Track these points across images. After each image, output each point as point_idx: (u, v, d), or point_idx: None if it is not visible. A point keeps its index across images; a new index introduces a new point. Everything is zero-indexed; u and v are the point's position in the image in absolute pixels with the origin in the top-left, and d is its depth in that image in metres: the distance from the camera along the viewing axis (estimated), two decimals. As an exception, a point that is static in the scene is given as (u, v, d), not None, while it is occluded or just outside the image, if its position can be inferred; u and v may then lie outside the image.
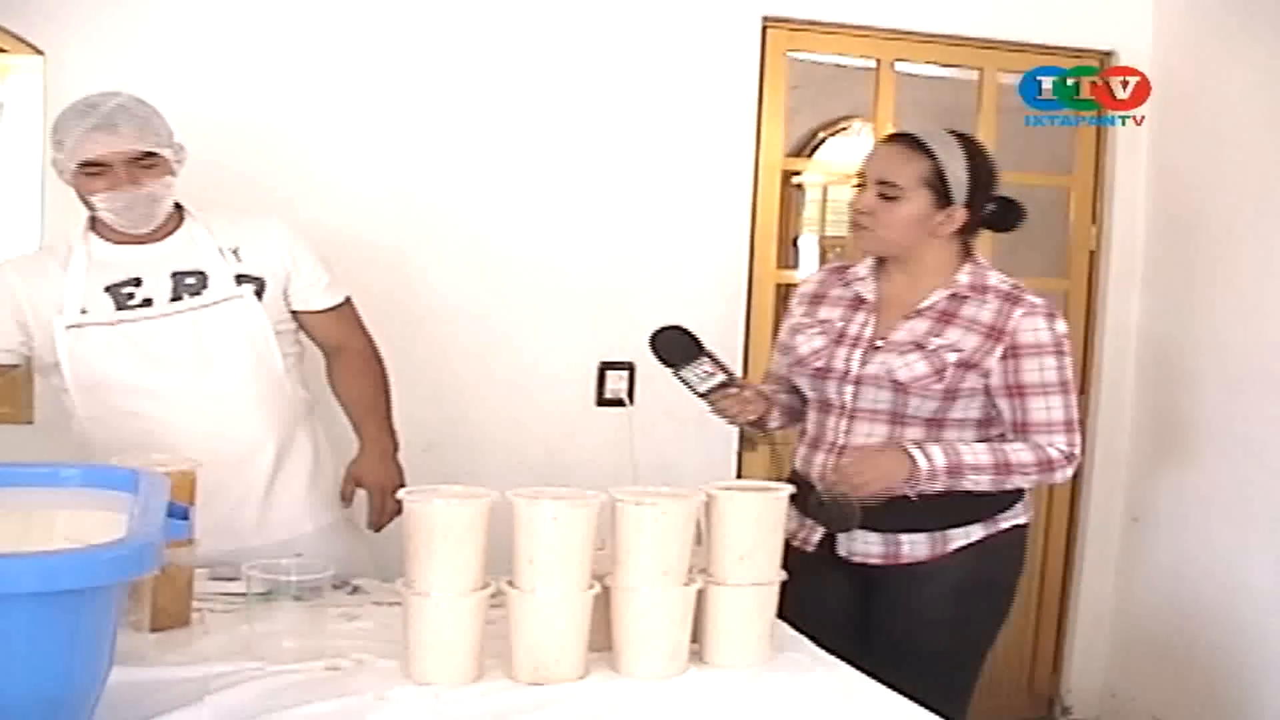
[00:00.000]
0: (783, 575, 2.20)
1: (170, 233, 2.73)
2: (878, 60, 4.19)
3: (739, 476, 3.91)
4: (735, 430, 3.96)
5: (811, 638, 2.33)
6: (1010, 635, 4.42)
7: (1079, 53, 4.26)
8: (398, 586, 2.07)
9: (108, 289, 2.65)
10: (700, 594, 2.14)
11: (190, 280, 2.68)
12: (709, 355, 2.62)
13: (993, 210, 2.74)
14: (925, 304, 2.69)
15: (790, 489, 2.23)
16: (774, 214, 4.10)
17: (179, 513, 1.76)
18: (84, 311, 2.63)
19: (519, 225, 3.71)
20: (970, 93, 4.33)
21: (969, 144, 2.73)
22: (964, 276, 2.69)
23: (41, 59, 3.40)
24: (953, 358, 2.61)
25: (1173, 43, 4.21)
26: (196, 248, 2.72)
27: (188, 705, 1.86)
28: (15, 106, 3.44)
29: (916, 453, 2.55)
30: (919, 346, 2.64)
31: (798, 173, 5.88)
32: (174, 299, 2.67)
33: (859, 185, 2.73)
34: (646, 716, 1.97)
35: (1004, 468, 2.59)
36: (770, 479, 2.83)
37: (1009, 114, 4.23)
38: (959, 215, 2.66)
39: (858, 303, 2.77)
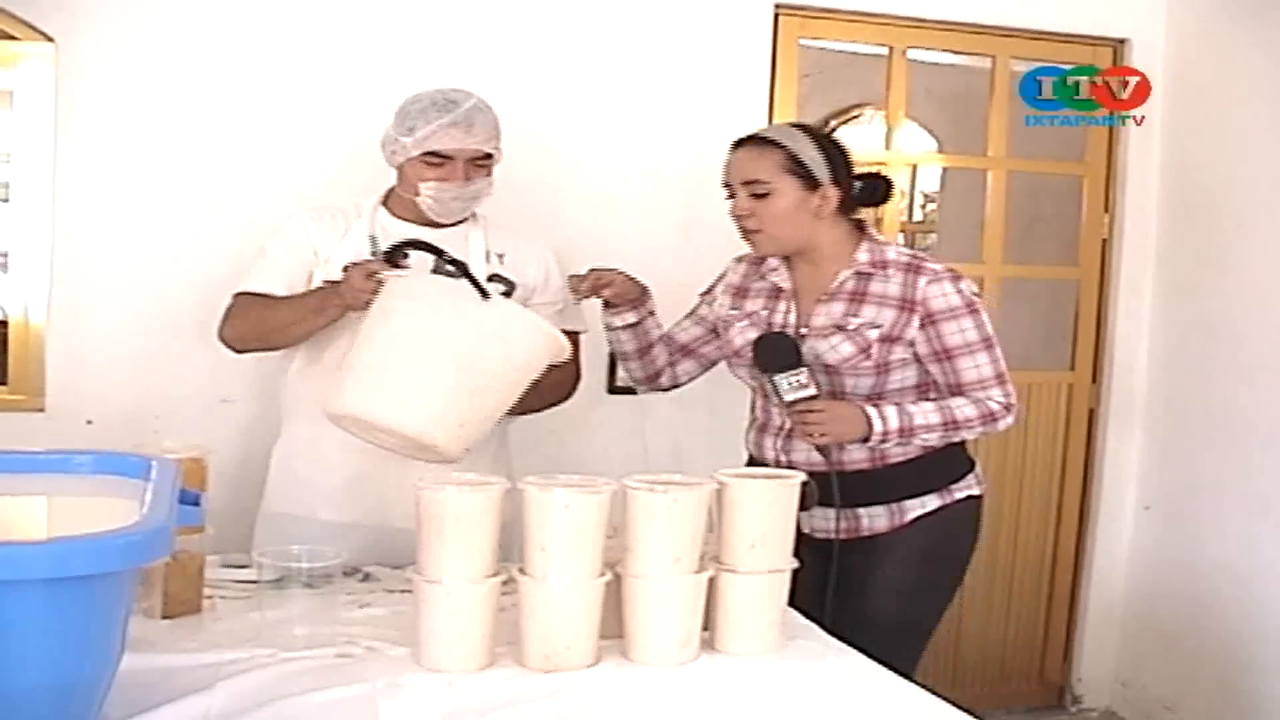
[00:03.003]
0: (794, 563, 2.20)
1: (451, 226, 2.85)
2: (890, 48, 4.18)
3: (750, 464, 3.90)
4: (747, 418, 3.95)
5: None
6: (1021, 623, 4.45)
7: (1093, 40, 4.25)
8: (409, 573, 2.07)
9: (374, 252, 2.76)
10: (712, 581, 2.14)
11: (450, 266, 2.70)
12: (807, 366, 2.65)
13: (861, 187, 2.80)
14: (834, 285, 2.74)
15: (803, 477, 2.23)
16: (785, 202, 4.09)
17: (190, 499, 1.77)
18: (346, 270, 2.68)
19: (530, 214, 3.70)
20: (983, 80, 4.32)
21: (811, 130, 2.82)
22: (863, 254, 2.74)
23: (52, 46, 3.41)
24: (874, 334, 2.68)
25: (1186, 30, 4.20)
26: (468, 243, 2.84)
27: (199, 692, 1.86)
28: (26, 94, 3.44)
29: (873, 413, 2.62)
30: (840, 329, 2.70)
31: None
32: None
33: (729, 195, 2.78)
34: (658, 704, 1.97)
35: (951, 425, 2.67)
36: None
37: (1021, 102, 4.22)
38: (832, 194, 2.72)
39: (777, 292, 2.83)
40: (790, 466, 2.67)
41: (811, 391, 2.63)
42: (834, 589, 2.67)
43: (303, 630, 2.12)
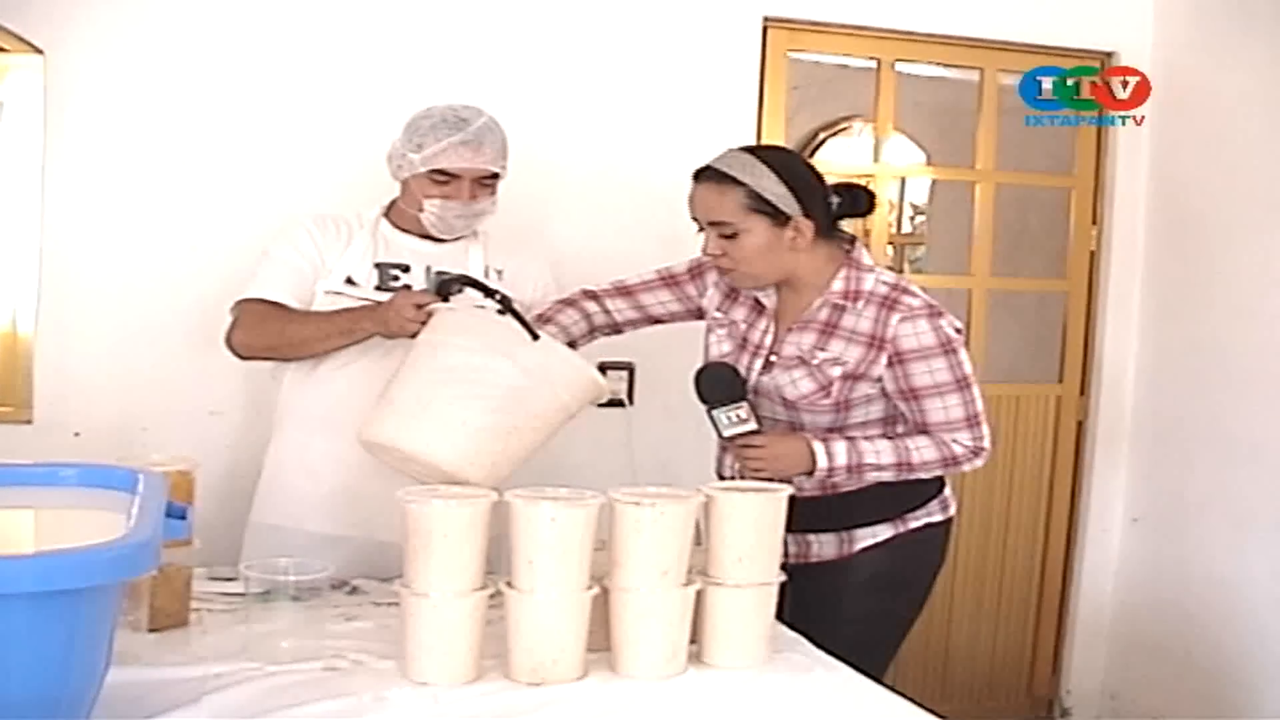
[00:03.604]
0: (782, 576, 2.20)
1: (453, 241, 2.87)
2: (878, 60, 4.19)
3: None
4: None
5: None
6: (1010, 636, 4.45)
7: (1080, 54, 4.26)
8: (396, 587, 2.06)
9: (377, 265, 2.81)
10: (699, 594, 2.14)
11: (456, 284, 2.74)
12: (748, 402, 2.61)
13: (839, 203, 2.65)
14: (806, 314, 2.65)
15: (790, 490, 2.23)
16: (774, 215, 4.10)
17: (177, 512, 1.76)
18: (349, 281, 2.78)
19: (519, 226, 3.70)
20: (971, 93, 4.33)
21: (771, 155, 2.66)
22: (838, 283, 2.63)
23: (41, 58, 3.40)
24: (836, 371, 2.60)
25: (1173, 44, 4.21)
26: (467, 258, 2.87)
27: (185, 705, 1.86)
28: (15, 105, 3.44)
29: (820, 449, 2.56)
30: (804, 362, 2.63)
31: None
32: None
33: (700, 230, 2.69)
34: (645, 717, 1.97)
35: (905, 465, 2.59)
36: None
37: (1010, 114, 4.24)
38: (805, 225, 2.58)
39: (759, 307, 2.74)
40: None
41: (751, 426, 2.58)
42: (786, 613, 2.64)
43: (289, 643, 2.12)
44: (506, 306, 2.47)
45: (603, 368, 3.76)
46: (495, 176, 2.80)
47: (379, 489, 2.60)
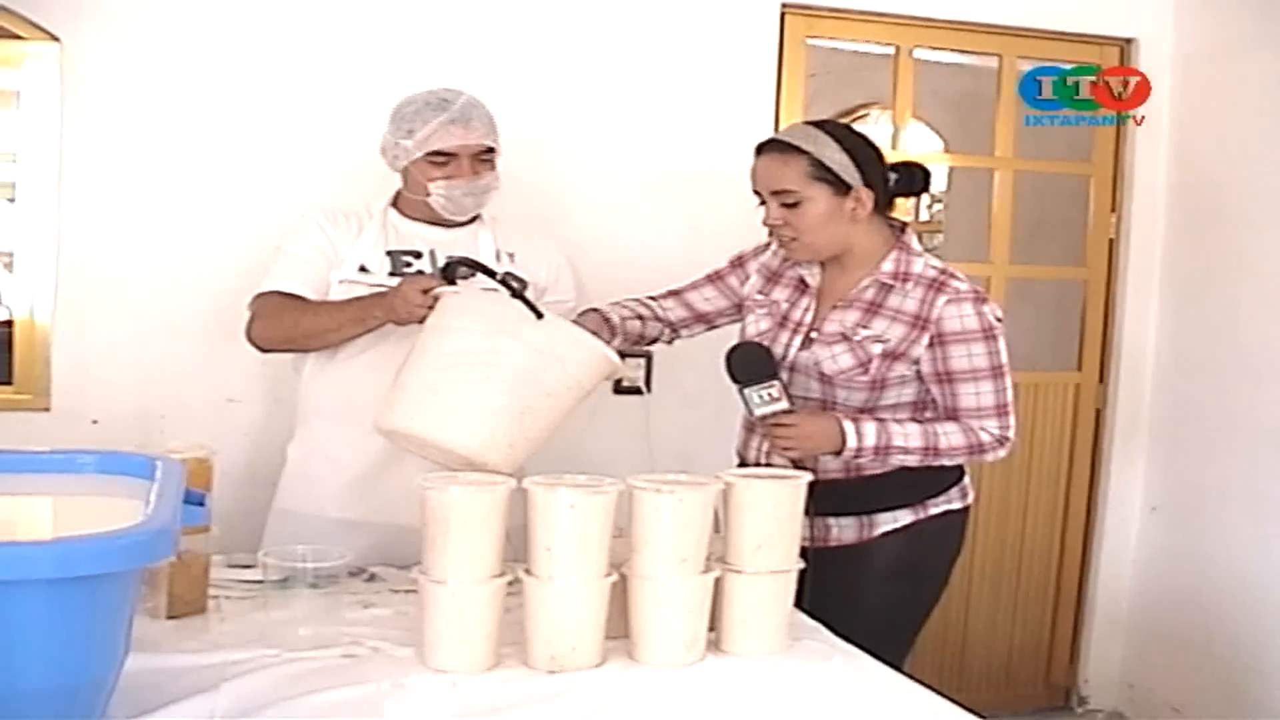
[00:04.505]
0: (800, 564, 2.20)
1: (462, 225, 2.89)
2: (896, 47, 4.17)
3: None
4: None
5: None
6: (1028, 625, 4.44)
7: (1100, 40, 4.24)
8: (414, 574, 2.06)
9: (389, 253, 2.83)
10: (718, 582, 2.13)
11: (463, 267, 2.78)
12: (780, 380, 2.62)
13: (897, 178, 2.72)
14: (853, 293, 2.69)
15: (810, 476, 2.22)
16: (792, 202, 4.09)
17: (195, 499, 1.76)
18: (363, 269, 2.80)
19: (536, 217, 3.69)
20: (989, 79, 4.31)
21: (833, 127, 2.72)
22: (888, 264, 2.67)
23: (58, 46, 3.40)
24: (878, 349, 2.62)
25: (1194, 30, 4.19)
26: (477, 242, 2.88)
27: (204, 692, 1.86)
28: (32, 94, 3.44)
29: (850, 429, 2.57)
30: (845, 338, 2.65)
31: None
32: None
33: (761, 203, 2.72)
34: (663, 705, 1.96)
35: (933, 451, 2.61)
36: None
37: (1022, 101, 4.21)
38: (865, 196, 2.63)
39: (803, 286, 2.77)
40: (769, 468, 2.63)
41: (783, 405, 2.59)
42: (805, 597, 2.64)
43: (307, 631, 2.12)
44: (509, 287, 2.47)
45: (622, 355, 3.77)
46: (491, 151, 2.82)
47: (402, 474, 2.61)
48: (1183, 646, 4.17)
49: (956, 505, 2.79)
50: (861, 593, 2.71)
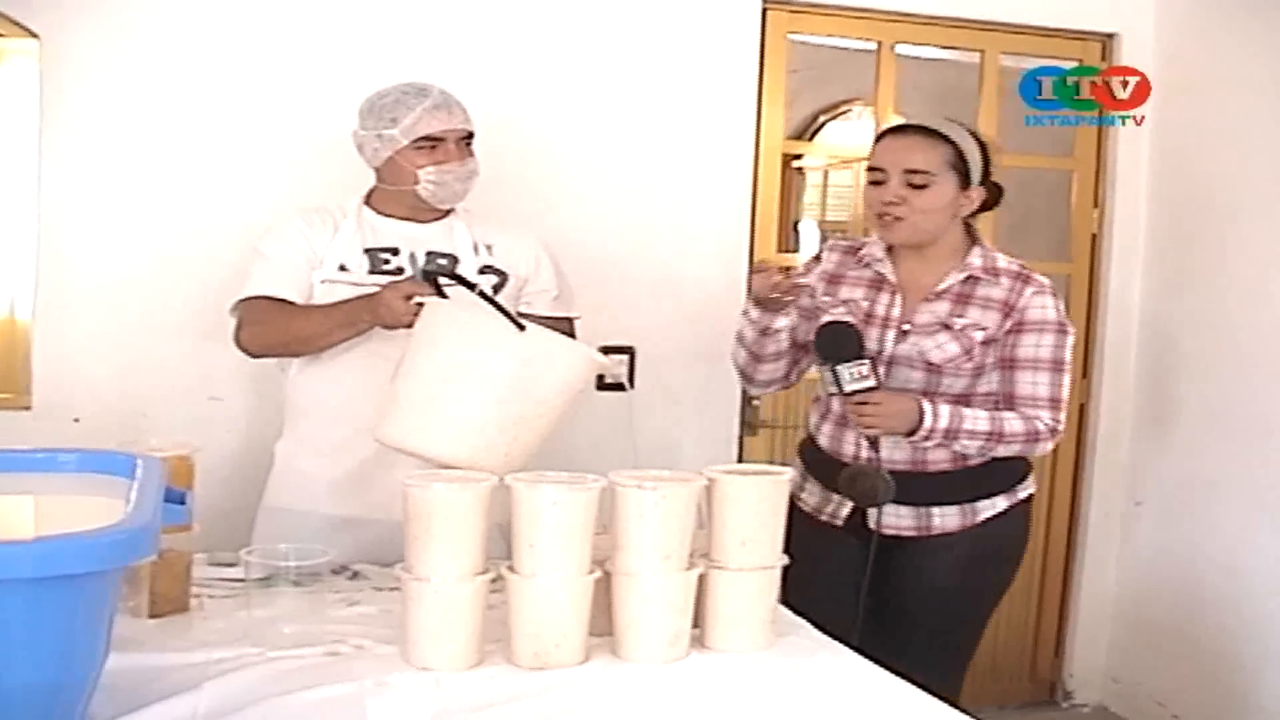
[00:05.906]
0: (784, 559, 2.20)
1: (436, 219, 2.89)
2: (878, 43, 4.17)
3: (740, 460, 3.90)
4: (736, 414, 3.95)
5: (821, 609, 2.39)
6: (1013, 620, 4.44)
7: (1082, 35, 4.25)
8: (397, 571, 2.06)
9: (367, 250, 2.84)
10: (701, 578, 2.13)
11: (441, 260, 2.83)
12: (870, 358, 2.67)
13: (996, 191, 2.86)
14: (943, 286, 2.77)
15: (791, 472, 2.23)
16: (775, 197, 4.10)
17: (176, 497, 1.75)
18: (342, 268, 2.80)
19: (519, 211, 3.69)
20: (971, 75, 4.31)
21: (969, 128, 2.85)
22: (976, 259, 2.79)
23: (37, 43, 3.38)
24: (979, 336, 2.73)
25: (1176, 25, 4.20)
26: (453, 236, 2.89)
27: (186, 691, 1.85)
28: (11, 91, 3.43)
29: (928, 408, 2.65)
30: (946, 327, 2.74)
31: (798, 156, 5.86)
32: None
33: (878, 181, 2.76)
34: (648, 701, 1.96)
35: (996, 436, 2.70)
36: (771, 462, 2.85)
37: (1011, 96, 4.22)
38: (976, 195, 2.78)
39: (880, 283, 2.84)
40: (874, 461, 2.72)
41: (871, 383, 2.65)
42: (874, 584, 2.73)
43: (291, 629, 2.12)
44: (489, 300, 2.49)
45: (604, 351, 3.76)
46: (471, 136, 2.85)
47: (392, 472, 2.61)
48: (1168, 640, 4.18)
49: (1033, 490, 2.92)
50: (952, 578, 2.80)
